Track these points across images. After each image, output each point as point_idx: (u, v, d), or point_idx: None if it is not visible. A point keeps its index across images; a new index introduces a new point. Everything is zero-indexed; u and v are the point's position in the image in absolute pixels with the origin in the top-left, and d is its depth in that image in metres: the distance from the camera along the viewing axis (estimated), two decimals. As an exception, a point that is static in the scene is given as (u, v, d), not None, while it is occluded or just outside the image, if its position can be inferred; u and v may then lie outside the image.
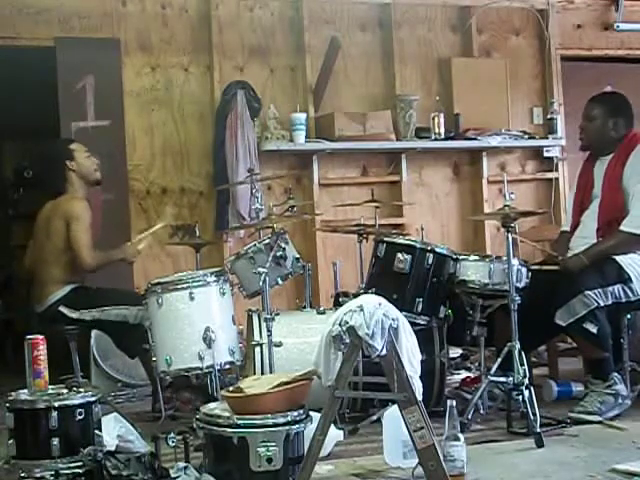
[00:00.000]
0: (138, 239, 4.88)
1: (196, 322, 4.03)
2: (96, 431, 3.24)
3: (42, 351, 3.26)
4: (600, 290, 4.20)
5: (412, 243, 4.44)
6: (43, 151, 4.92)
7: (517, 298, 3.97)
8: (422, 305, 4.33)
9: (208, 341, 3.99)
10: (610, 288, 4.23)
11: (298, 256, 4.46)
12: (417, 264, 4.36)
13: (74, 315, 4.52)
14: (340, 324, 3.10)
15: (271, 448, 3.05)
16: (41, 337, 3.27)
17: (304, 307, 4.61)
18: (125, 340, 4.68)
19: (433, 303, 4.38)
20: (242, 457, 3.06)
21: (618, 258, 4.32)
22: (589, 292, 4.17)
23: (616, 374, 4.24)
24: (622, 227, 4.35)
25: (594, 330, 4.17)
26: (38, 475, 3.12)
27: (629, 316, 4.47)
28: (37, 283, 4.69)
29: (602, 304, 4.19)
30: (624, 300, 4.28)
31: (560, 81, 6.71)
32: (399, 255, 4.37)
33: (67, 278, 4.60)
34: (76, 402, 3.21)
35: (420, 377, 3.19)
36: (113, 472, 3.12)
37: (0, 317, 7.73)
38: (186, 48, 5.95)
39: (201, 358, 3.99)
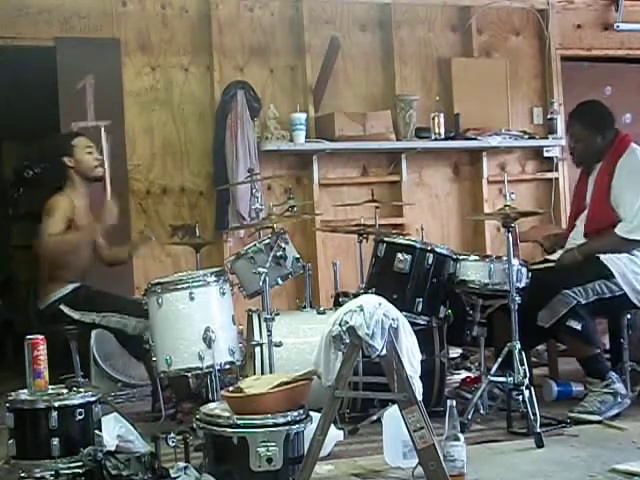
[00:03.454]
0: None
1: (196, 322, 4.03)
2: (96, 431, 3.24)
3: (42, 351, 3.26)
4: (580, 288, 4.22)
5: (412, 243, 4.44)
6: (44, 146, 4.89)
7: (517, 298, 3.97)
8: (422, 305, 4.33)
9: (208, 341, 3.98)
10: (590, 285, 4.24)
11: (298, 256, 4.46)
12: (417, 264, 4.36)
13: (74, 315, 4.52)
14: (340, 324, 3.10)
15: (271, 448, 3.06)
16: (41, 337, 3.27)
17: (304, 307, 4.61)
18: (124, 344, 4.68)
19: (433, 303, 4.38)
20: (242, 457, 3.07)
21: (600, 255, 4.33)
22: (567, 291, 4.19)
23: (613, 373, 4.25)
24: (616, 230, 4.37)
25: (578, 327, 4.19)
26: (38, 475, 3.12)
27: (629, 316, 4.47)
28: (39, 281, 4.69)
29: (583, 301, 4.21)
30: (608, 295, 4.29)
31: (560, 81, 6.71)
32: (399, 255, 4.37)
33: (67, 277, 4.59)
34: (76, 402, 3.21)
35: (420, 377, 3.19)
36: (113, 472, 3.12)
37: (0, 317, 7.73)
38: (186, 48, 5.94)
39: (201, 358, 3.98)
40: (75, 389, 3.32)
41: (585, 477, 3.26)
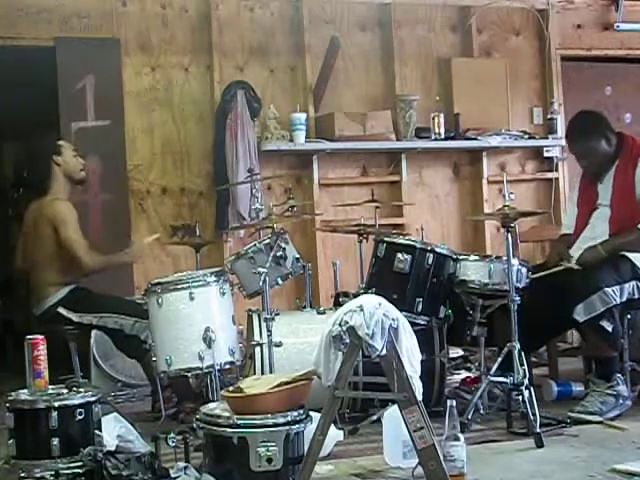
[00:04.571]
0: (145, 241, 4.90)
1: (196, 322, 4.03)
2: (96, 431, 3.24)
3: (42, 351, 3.26)
4: (617, 287, 4.20)
5: (412, 243, 4.44)
6: (31, 146, 4.90)
7: (517, 298, 3.97)
8: (422, 305, 4.33)
9: (208, 341, 3.98)
10: (626, 285, 4.23)
11: (298, 256, 4.46)
12: (417, 264, 4.36)
13: (73, 317, 4.51)
14: (340, 324, 3.10)
15: (271, 448, 3.05)
16: (41, 337, 3.28)
17: (304, 307, 4.61)
18: (121, 346, 4.68)
19: (433, 303, 4.38)
20: (242, 457, 3.06)
21: (630, 255, 4.31)
22: (608, 289, 4.16)
23: (619, 375, 4.24)
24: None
25: (609, 328, 4.17)
26: (38, 475, 3.12)
27: (629, 316, 4.47)
28: (33, 286, 4.67)
29: (619, 301, 4.19)
30: (637, 297, 4.29)
31: (560, 81, 6.71)
32: (399, 255, 4.37)
33: (63, 280, 4.58)
34: (76, 402, 3.22)
35: (420, 377, 3.19)
36: (113, 472, 3.12)
37: (0, 317, 7.72)
38: (186, 48, 5.95)
39: (201, 358, 3.99)
40: (75, 389, 3.32)
41: (585, 477, 3.25)
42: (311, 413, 3.20)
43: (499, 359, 4.12)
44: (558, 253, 4.63)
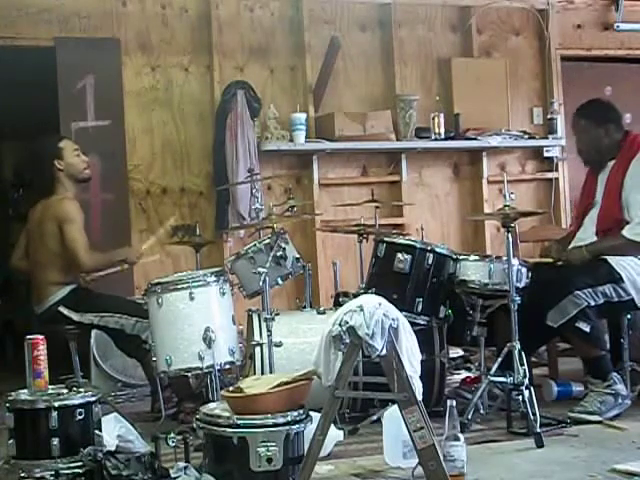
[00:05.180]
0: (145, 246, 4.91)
1: (196, 322, 4.03)
2: (96, 431, 3.24)
3: (42, 351, 3.26)
4: (590, 290, 4.20)
5: (412, 243, 4.44)
6: (32, 149, 4.87)
7: (517, 298, 3.97)
8: (422, 305, 4.33)
9: (208, 341, 3.98)
10: (600, 288, 4.23)
11: (298, 256, 4.46)
12: (417, 264, 4.36)
13: (74, 317, 4.51)
14: (340, 324, 3.10)
15: (271, 448, 3.05)
16: (41, 337, 3.27)
17: (304, 307, 4.61)
18: (122, 346, 4.68)
19: (433, 303, 4.38)
20: (242, 457, 3.06)
21: (609, 258, 4.33)
22: (579, 292, 4.17)
23: (615, 374, 4.25)
24: (624, 232, 4.36)
25: (587, 329, 4.18)
26: (38, 475, 3.12)
27: (629, 316, 4.47)
28: (35, 285, 4.67)
29: (593, 303, 4.20)
30: (616, 300, 4.28)
31: (560, 81, 6.72)
32: (399, 255, 4.37)
33: (65, 279, 4.58)
34: (76, 402, 3.21)
35: (420, 377, 3.19)
36: (113, 472, 3.12)
37: (0, 317, 7.72)
38: (186, 48, 5.95)
39: (201, 358, 3.98)
40: (75, 389, 3.32)
41: (585, 477, 3.26)
42: (311, 413, 3.20)
43: (499, 359, 4.13)
44: (549, 250, 4.67)
